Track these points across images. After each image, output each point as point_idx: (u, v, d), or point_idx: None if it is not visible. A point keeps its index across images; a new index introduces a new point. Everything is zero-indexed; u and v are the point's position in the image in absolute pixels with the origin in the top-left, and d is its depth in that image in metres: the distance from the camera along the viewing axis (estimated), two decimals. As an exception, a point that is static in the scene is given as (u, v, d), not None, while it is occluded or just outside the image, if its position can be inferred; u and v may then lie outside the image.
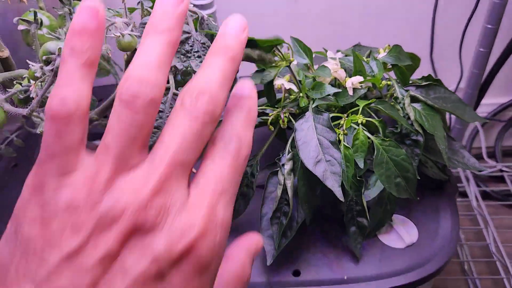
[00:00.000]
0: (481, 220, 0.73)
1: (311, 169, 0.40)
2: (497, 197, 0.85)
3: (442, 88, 0.50)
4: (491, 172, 0.82)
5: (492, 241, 0.69)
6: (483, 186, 0.87)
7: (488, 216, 0.71)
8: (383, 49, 0.51)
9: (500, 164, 0.83)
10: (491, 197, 0.86)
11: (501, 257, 0.67)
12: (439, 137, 0.46)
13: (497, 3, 0.61)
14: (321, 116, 0.42)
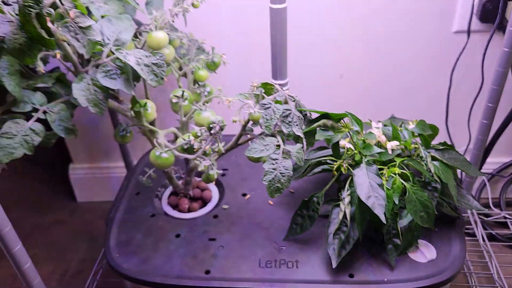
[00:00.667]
0: (487, 255, 0.92)
1: (365, 201, 0.61)
2: (501, 239, 1.03)
3: (454, 151, 0.71)
4: (496, 218, 1.01)
5: (495, 271, 0.87)
6: (489, 229, 1.05)
7: (492, 252, 0.89)
8: (412, 122, 0.73)
9: (504, 212, 1.02)
10: (496, 239, 1.04)
11: (502, 284, 0.84)
12: (451, 185, 0.67)
13: (495, 89, 0.83)
14: (371, 167, 0.64)
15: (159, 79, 0.58)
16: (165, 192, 0.83)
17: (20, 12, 0.47)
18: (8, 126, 0.59)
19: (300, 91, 0.72)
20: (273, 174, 0.57)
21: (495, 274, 0.87)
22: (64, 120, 0.63)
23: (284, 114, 0.60)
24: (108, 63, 0.57)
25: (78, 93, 0.57)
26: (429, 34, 0.93)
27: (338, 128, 0.66)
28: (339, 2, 0.90)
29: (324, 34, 0.94)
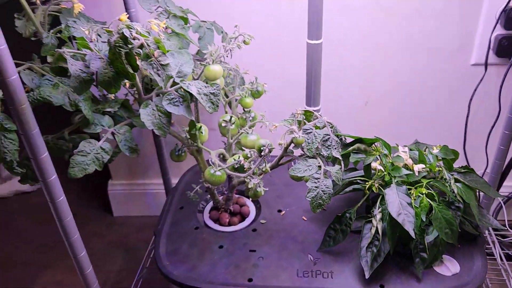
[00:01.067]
0: (505, 274, 0.97)
1: (396, 218, 0.68)
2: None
3: (474, 174, 0.78)
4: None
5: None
6: (506, 250, 1.11)
7: (509, 270, 0.95)
8: (436, 147, 0.80)
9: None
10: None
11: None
12: (473, 205, 0.74)
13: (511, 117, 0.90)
14: (401, 187, 0.71)
15: (215, 107, 0.67)
16: (206, 207, 0.91)
17: (110, 51, 0.56)
18: (83, 145, 0.68)
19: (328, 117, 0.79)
20: (316, 192, 0.65)
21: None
22: (129, 140, 0.72)
23: (324, 139, 0.68)
24: (172, 92, 0.66)
25: (145, 118, 0.66)
26: (448, 66, 1.01)
27: (370, 152, 0.74)
28: (365, 37, 0.99)
29: (351, 65, 1.02)
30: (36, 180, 0.80)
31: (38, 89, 0.65)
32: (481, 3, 0.93)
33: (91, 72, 0.57)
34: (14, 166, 0.64)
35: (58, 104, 0.65)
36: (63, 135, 0.78)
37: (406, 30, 0.97)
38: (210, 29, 0.81)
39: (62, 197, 0.65)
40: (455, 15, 0.95)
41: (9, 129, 0.62)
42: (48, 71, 0.69)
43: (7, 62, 0.53)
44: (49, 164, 0.61)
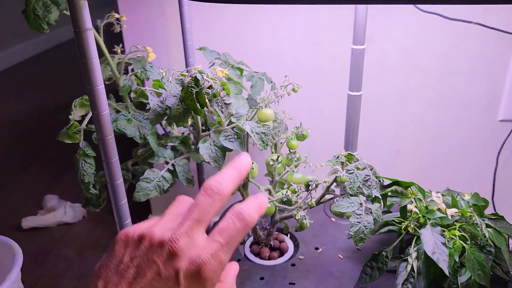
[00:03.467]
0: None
1: (431, 256, 0.73)
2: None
3: (505, 221, 0.83)
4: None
5: None
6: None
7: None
8: (467, 194, 0.86)
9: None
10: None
11: None
12: (504, 250, 0.78)
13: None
14: (436, 228, 0.76)
15: (265, 145, 0.75)
16: (247, 241, 0.97)
17: (183, 90, 0.65)
18: (147, 173, 0.76)
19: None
20: (358, 227, 0.71)
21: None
22: (186, 171, 0.80)
23: (365, 179, 0.75)
24: (228, 129, 0.75)
25: (203, 151, 0.74)
26: (477, 121, 1.08)
27: (406, 194, 0.80)
28: (399, 92, 1.08)
29: (386, 116, 1.11)
30: (96, 206, 0.88)
31: (115, 122, 0.74)
32: (507, 64, 1.01)
33: (165, 107, 0.67)
34: (90, 187, 0.72)
35: (131, 136, 0.74)
36: (126, 165, 0.87)
37: (437, 87, 1.06)
38: (261, 78, 0.91)
39: (128, 220, 0.73)
40: (483, 74, 1.03)
41: (89, 155, 0.71)
42: (122, 109, 0.79)
43: (102, 99, 0.62)
44: (122, 189, 0.70)
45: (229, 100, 0.68)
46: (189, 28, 0.98)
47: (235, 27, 1.06)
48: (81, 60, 0.59)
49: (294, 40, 1.05)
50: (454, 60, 1.03)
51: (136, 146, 0.89)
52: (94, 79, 0.60)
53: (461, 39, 1.00)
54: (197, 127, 0.80)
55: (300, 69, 1.08)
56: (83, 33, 0.58)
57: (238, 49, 1.06)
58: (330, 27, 1.03)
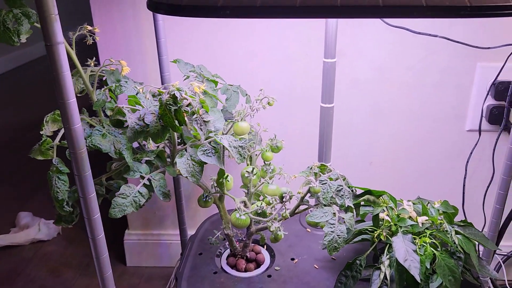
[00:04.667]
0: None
1: (402, 263, 0.75)
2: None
3: (473, 228, 0.85)
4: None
5: None
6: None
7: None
8: (437, 202, 0.88)
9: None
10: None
11: None
12: (473, 256, 0.80)
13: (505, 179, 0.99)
14: (407, 236, 0.78)
15: (243, 158, 0.76)
16: (224, 253, 0.97)
17: (161, 107, 0.66)
18: (123, 188, 0.76)
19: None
20: (332, 236, 0.72)
21: None
22: (163, 186, 0.80)
23: (338, 189, 0.76)
24: (206, 144, 0.75)
25: (181, 166, 0.75)
26: (446, 132, 1.12)
27: (378, 203, 0.82)
28: (371, 104, 1.11)
29: (359, 128, 1.13)
30: (69, 223, 0.87)
31: (90, 137, 0.74)
32: (473, 77, 1.06)
33: (143, 125, 0.67)
34: (64, 205, 0.72)
35: (106, 151, 0.74)
36: (100, 180, 0.87)
37: (407, 99, 1.09)
38: (236, 91, 0.92)
39: (101, 234, 0.72)
40: (450, 86, 1.07)
41: (62, 172, 0.71)
42: (96, 123, 0.79)
43: (74, 113, 0.62)
44: (95, 203, 0.69)
45: (207, 118, 0.69)
46: (164, 42, 0.99)
47: (209, 41, 1.07)
48: (52, 74, 0.59)
49: (268, 53, 1.07)
50: (423, 73, 1.06)
51: (110, 160, 0.89)
52: (65, 93, 0.60)
53: (429, 52, 1.04)
54: (173, 141, 0.80)
55: (275, 82, 1.10)
56: (54, 47, 0.58)
57: (213, 63, 1.07)
58: (303, 41, 1.05)
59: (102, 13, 1.06)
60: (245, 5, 0.54)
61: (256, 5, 0.54)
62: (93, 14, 1.06)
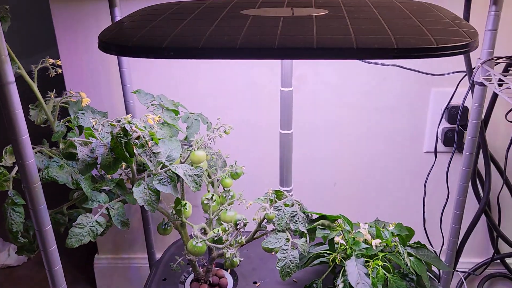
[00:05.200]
0: None
1: (355, 287, 0.77)
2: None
3: (426, 249, 0.88)
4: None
5: None
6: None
7: None
8: (391, 224, 0.91)
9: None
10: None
11: None
12: (424, 277, 0.83)
13: (460, 199, 1.02)
14: (359, 259, 0.81)
15: (198, 186, 0.78)
16: (188, 279, 0.98)
17: (112, 140, 0.68)
18: (80, 218, 0.77)
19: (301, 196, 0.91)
20: (284, 261, 0.74)
21: None
22: (121, 215, 0.81)
23: (292, 215, 0.79)
24: (162, 173, 0.77)
25: (138, 195, 0.77)
26: (405, 153, 1.16)
27: (333, 227, 0.85)
28: (332, 128, 1.14)
29: (321, 151, 1.17)
30: (31, 252, 0.88)
31: (47, 169, 0.76)
32: (428, 102, 1.10)
33: (95, 157, 0.69)
34: (18, 237, 0.73)
35: (62, 182, 0.76)
36: (61, 209, 0.88)
37: (366, 122, 1.13)
38: (197, 119, 0.94)
39: (58, 265, 0.73)
40: (406, 110, 1.12)
41: (18, 204, 0.72)
42: (56, 154, 0.81)
43: (27, 149, 0.64)
44: (51, 235, 0.70)
45: (157, 149, 0.71)
46: (128, 71, 1.01)
47: (174, 70, 1.10)
48: (4, 112, 0.61)
49: (231, 82, 1.10)
50: (379, 98, 1.10)
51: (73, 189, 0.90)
52: (18, 130, 0.62)
53: (383, 78, 1.08)
54: (132, 170, 0.82)
55: (237, 109, 1.13)
56: (5, 87, 0.59)
57: (177, 91, 1.10)
58: (264, 71, 1.09)
59: (68, 44, 1.08)
60: (188, 47, 0.57)
61: (198, 47, 0.56)
62: (59, 45, 1.08)
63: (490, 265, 1.26)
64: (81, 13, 1.05)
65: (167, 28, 0.64)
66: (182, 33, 0.61)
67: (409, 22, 0.63)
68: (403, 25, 0.61)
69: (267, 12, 0.71)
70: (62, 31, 1.07)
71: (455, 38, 0.55)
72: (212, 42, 0.57)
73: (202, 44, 0.57)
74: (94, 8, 1.05)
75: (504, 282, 1.29)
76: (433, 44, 0.54)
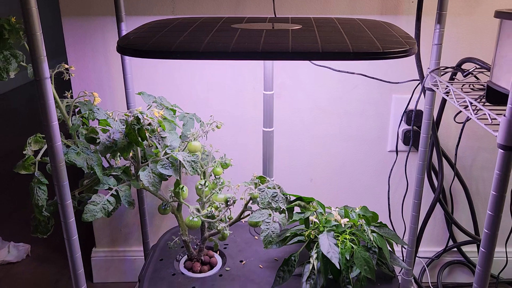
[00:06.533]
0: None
1: (326, 254, 0.92)
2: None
3: (387, 228, 1.04)
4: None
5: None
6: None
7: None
8: (358, 207, 1.07)
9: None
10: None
11: None
12: (385, 250, 0.99)
13: (417, 190, 1.19)
14: (330, 233, 0.96)
15: (195, 170, 0.93)
16: (182, 259, 1.11)
17: (127, 127, 0.82)
18: (94, 197, 0.91)
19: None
20: (267, 232, 0.89)
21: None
22: (128, 196, 0.95)
23: (273, 195, 0.94)
24: (164, 159, 0.92)
25: (143, 178, 0.91)
26: (372, 152, 1.33)
27: (308, 208, 1.00)
28: (307, 128, 1.31)
29: (299, 149, 1.33)
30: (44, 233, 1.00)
31: (66, 155, 0.89)
32: (390, 107, 1.28)
33: (112, 141, 0.83)
34: (43, 210, 0.85)
35: (80, 166, 0.89)
36: (73, 194, 1.01)
37: (337, 124, 1.30)
38: (191, 118, 1.09)
39: (75, 236, 0.86)
40: (372, 114, 1.29)
41: (43, 182, 0.85)
42: (71, 144, 0.94)
43: (56, 133, 0.78)
44: (71, 209, 0.84)
45: (164, 134, 0.85)
46: (130, 77, 1.16)
47: (172, 77, 1.26)
48: (40, 102, 0.75)
49: (222, 87, 1.26)
50: (349, 103, 1.28)
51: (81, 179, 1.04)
52: (50, 117, 0.76)
53: (351, 86, 1.26)
54: (137, 159, 0.96)
55: (227, 110, 1.28)
56: (43, 81, 0.74)
57: (175, 95, 1.25)
58: (249, 78, 1.25)
59: (76, 52, 1.23)
60: (191, 50, 0.73)
61: (199, 50, 0.72)
62: (67, 53, 1.23)
63: (449, 253, 1.43)
64: (89, 25, 1.20)
65: (173, 37, 0.80)
66: (186, 40, 0.77)
67: (364, 34, 0.80)
68: (359, 37, 0.78)
69: (252, 26, 0.88)
70: (71, 41, 1.22)
71: (397, 46, 0.72)
72: (210, 47, 0.73)
73: (203, 48, 0.73)
74: (101, 22, 1.20)
75: (462, 269, 1.45)
76: (380, 49, 0.71)
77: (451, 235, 1.38)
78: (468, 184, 1.34)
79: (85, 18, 1.20)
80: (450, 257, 1.43)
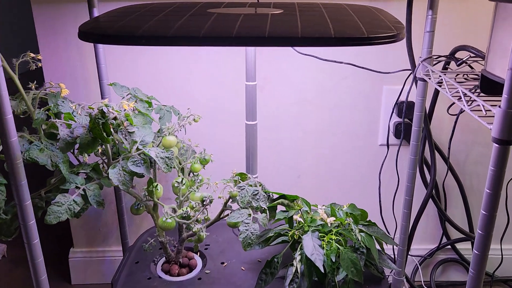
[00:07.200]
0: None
1: (310, 257, 0.85)
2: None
3: (376, 227, 0.98)
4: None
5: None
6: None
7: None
8: (346, 205, 1.01)
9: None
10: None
11: None
12: (373, 250, 0.93)
13: (409, 186, 1.13)
14: (314, 234, 0.90)
15: (169, 168, 0.86)
16: (159, 261, 1.05)
17: (91, 121, 0.75)
18: (59, 197, 0.84)
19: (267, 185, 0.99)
20: (246, 233, 0.82)
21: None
22: (97, 195, 0.88)
23: (254, 193, 0.87)
24: (135, 155, 0.85)
25: (113, 176, 0.84)
26: (362, 146, 1.26)
27: (292, 206, 0.94)
28: (296, 123, 1.24)
29: (286, 144, 1.26)
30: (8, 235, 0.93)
31: (28, 151, 0.82)
32: (380, 98, 1.21)
33: (74, 137, 0.76)
34: (1, 213, 0.79)
35: (43, 163, 0.82)
36: (39, 194, 0.94)
37: (326, 118, 1.23)
38: (169, 111, 1.02)
39: (36, 240, 0.79)
40: (362, 107, 1.22)
41: (1, 182, 0.78)
42: (36, 139, 0.87)
43: (11, 127, 0.71)
44: (31, 210, 0.76)
45: (132, 129, 0.78)
46: (104, 67, 1.09)
47: (149, 66, 1.18)
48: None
49: (202, 78, 1.19)
50: (338, 95, 1.21)
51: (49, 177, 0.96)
52: (3, 110, 0.69)
53: (340, 77, 1.19)
54: (107, 154, 0.89)
55: (208, 102, 1.21)
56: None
57: (153, 86, 1.18)
58: (230, 68, 1.18)
59: (48, 41, 1.15)
60: (158, 35, 0.66)
61: (167, 35, 0.65)
62: (39, 42, 1.15)
63: (443, 251, 1.37)
64: (61, 12, 1.13)
65: (141, 21, 0.73)
66: (154, 25, 0.70)
67: (350, 18, 0.73)
68: (343, 21, 0.72)
69: (230, 11, 0.81)
70: (42, 29, 1.14)
71: (383, 31, 0.66)
72: (180, 32, 0.66)
73: (171, 33, 0.66)
74: (73, 8, 1.12)
75: (455, 267, 1.40)
76: (364, 34, 0.64)
77: (444, 233, 1.33)
78: (462, 180, 1.28)
79: (56, 5, 1.13)
80: (443, 255, 1.38)
